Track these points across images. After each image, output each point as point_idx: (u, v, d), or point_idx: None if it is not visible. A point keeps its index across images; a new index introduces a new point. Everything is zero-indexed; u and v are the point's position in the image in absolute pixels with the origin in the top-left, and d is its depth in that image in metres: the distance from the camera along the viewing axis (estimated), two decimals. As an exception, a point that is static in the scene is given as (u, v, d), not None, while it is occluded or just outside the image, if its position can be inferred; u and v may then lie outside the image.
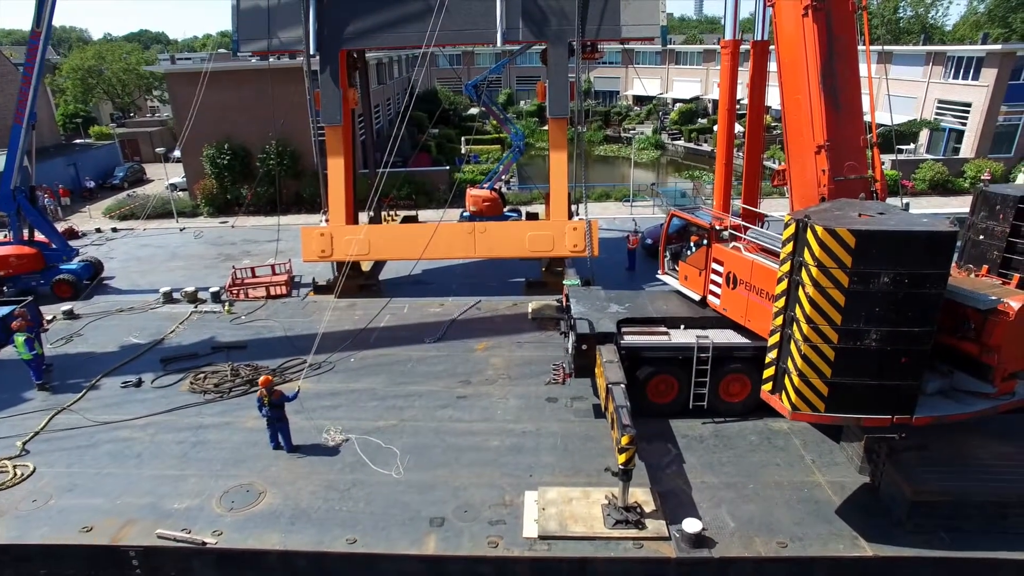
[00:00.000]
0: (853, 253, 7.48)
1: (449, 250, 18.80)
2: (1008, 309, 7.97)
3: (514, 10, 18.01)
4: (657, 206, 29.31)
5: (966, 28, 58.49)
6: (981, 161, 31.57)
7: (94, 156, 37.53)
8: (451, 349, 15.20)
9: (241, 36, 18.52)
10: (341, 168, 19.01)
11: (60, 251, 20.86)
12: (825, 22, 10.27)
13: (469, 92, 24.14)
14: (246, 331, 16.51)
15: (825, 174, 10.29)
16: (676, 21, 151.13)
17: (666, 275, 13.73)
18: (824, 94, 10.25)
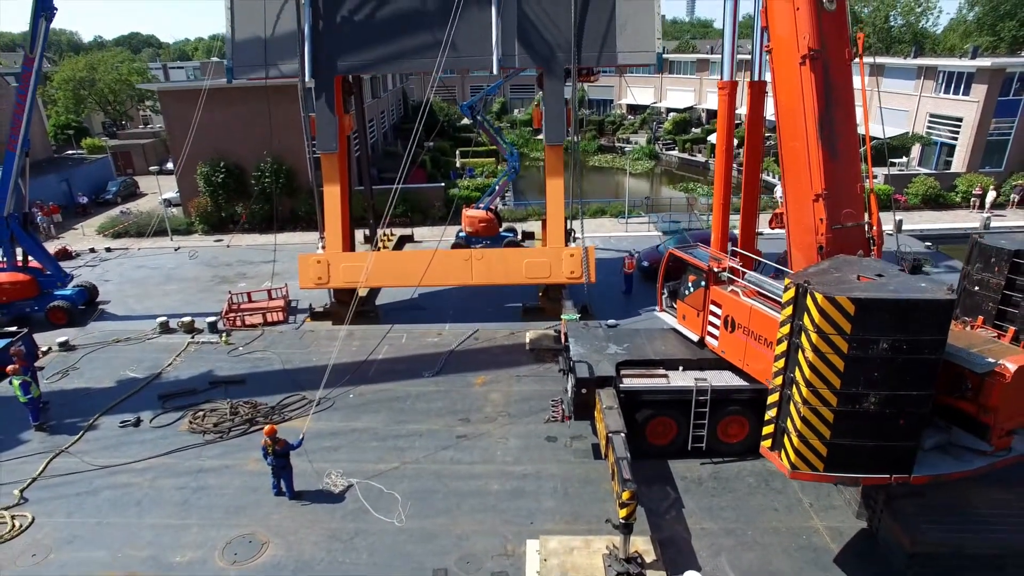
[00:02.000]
0: (852, 320, 7.58)
1: (446, 277, 18.82)
2: (1004, 371, 8.10)
3: (510, 37, 18.04)
4: (652, 223, 29.42)
5: (955, 37, 59.01)
6: (972, 176, 31.91)
7: (86, 171, 37.25)
8: (450, 384, 15.22)
9: (236, 64, 18.45)
10: (337, 195, 18.95)
11: (54, 277, 20.72)
12: (822, 71, 10.36)
13: (465, 112, 24.17)
14: (244, 364, 16.46)
15: (823, 223, 10.38)
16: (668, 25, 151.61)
17: (664, 312, 13.80)
18: (822, 143, 10.33)
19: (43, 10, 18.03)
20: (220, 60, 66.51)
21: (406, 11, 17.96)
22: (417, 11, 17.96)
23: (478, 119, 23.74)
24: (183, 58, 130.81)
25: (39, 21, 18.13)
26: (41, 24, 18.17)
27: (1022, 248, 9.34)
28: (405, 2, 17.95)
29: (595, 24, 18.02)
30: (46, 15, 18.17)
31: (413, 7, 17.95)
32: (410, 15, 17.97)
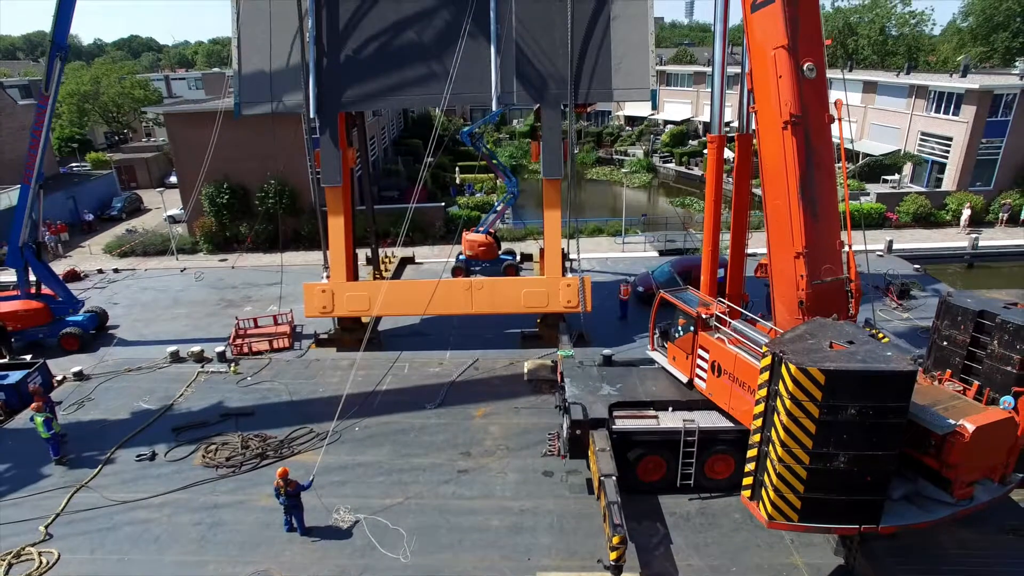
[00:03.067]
0: (823, 389, 8.24)
1: (448, 306, 19.45)
2: (964, 431, 8.76)
3: (509, 74, 18.65)
4: (649, 243, 30.06)
5: (948, 49, 59.64)
6: (962, 194, 32.57)
7: (92, 187, 37.83)
8: (451, 416, 15.89)
9: (243, 99, 19.02)
10: (341, 227, 19.58)
11: (66, 303, 21.36)
12: (803, 136, 11.00)
13: (465, 139, 24.77)
14: (252, 395, 17.12)
15: (804, 279, 11.04)
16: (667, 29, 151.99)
17: (655, 352, 14.46)
18: (803, 204, 10.97)
19: (58, 50, 18.65)
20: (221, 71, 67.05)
21: (407, 49, 18.60)
22: (418, 49, 18.60)
23: (478, 146, 24.36)
24: (183, 62, 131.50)
25: (54, 61, 18.73)
26: (56, 64, 18.77)
27: (985, 309, 9.98)
28: (406, 41, 18.60)
29: (591, 62, 18.64)
30: (60, 55, 18.78)
31: (414, 46, 18.59)
32: (411, 53, 18.61)
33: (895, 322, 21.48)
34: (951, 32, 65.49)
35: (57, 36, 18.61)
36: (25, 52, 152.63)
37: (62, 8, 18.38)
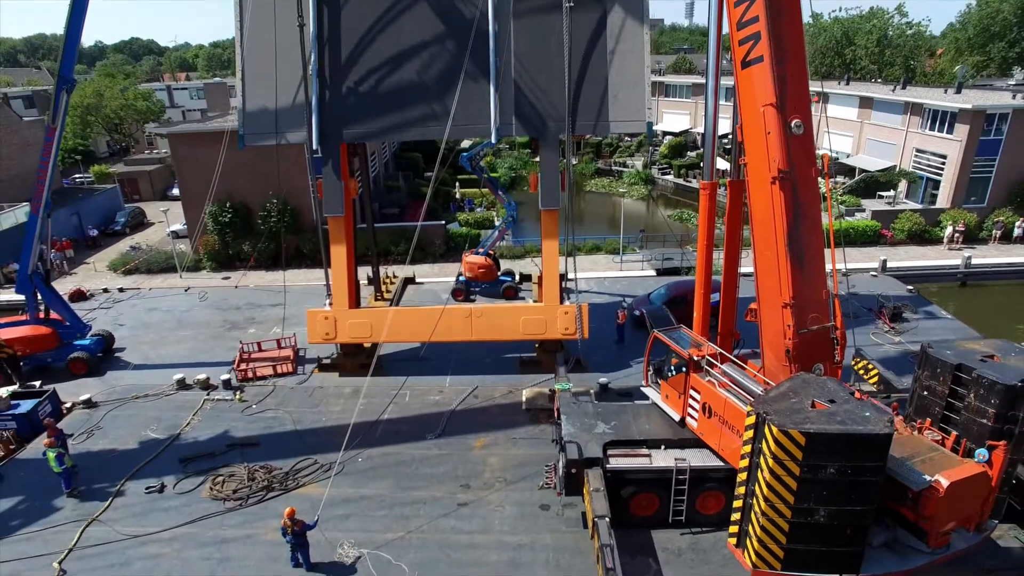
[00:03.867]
0: (804, 450, 8.67)
1: (449, 333, 19.85)
2: (939, 487, 9.19)
3: (507, 108, 19.04)
4: (647, 261, 30.48)
5: (946, 61, 59.98)
6: (956, 211, 32.98)
7: (96, 202, 38.24)
8: (451, 447, 16.32)
9: (248, 131, 19.41)
10: (344, 255, 19.98)
11: (73, 328, 21.79)
12: (791, 190, 11.41)
13: (464, 163, 25.22)
14: (258, 423, 17.55)
15: (791, 328, 11.45)
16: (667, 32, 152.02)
17: (649, 388, 14.88)
18: (790, 255, 11.38)
19: (64, 84, 19.06)
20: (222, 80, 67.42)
21: (408, 84, 18.99)
22: (418, 84, 18.99)
23: (478, 170, 24.79)
24: (184, 66, 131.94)
25: (60, 94, 19.14)
26: (63, 96, 19.18)
27: (963, 362, 10.40)
28: (407, 75, 18.99)
29: (589, 96, 19.01)
30: (67, 88, 19.20)
31: (415, 80, 18.98)
32: (412, 87, 19.00)
33: (887, 346, 21.90)
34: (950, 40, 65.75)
35: (63, 70, 19.02)
36: (26, 54, 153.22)
37: (68, 43, 18.80)
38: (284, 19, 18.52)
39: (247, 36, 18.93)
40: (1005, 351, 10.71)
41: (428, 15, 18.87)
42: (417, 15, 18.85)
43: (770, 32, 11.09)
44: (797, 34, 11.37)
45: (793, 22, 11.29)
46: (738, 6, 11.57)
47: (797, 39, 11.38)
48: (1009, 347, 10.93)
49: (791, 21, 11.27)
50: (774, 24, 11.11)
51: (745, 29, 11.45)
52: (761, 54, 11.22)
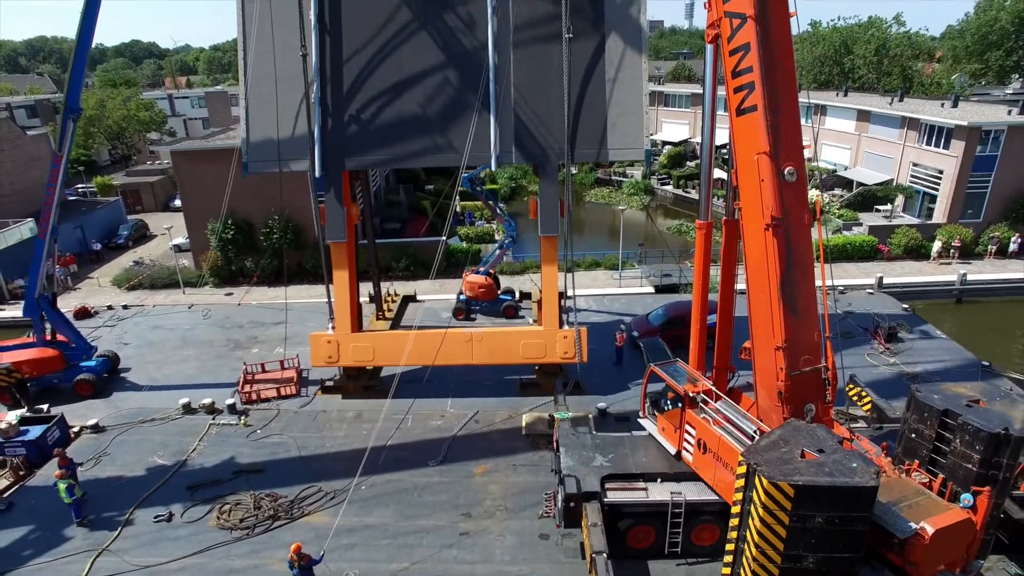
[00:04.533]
0: (792, 501, 8.99)
1: (450, 357, 20.16)
2: (924, 534, 9.52)
3: (507, 135, 19.32)
4: (645, 277, 30.78)
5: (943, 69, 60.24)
6: (952, 227, 33.28)
7: (99, 216, 38.52)
8: (453, 474, 16.65)
9: (251, 159, 19.70)
10: (346, 280, 20.29)
11: (80, 350, 22.11)
12: (784, 236, 11.70)
13: (465, 184, 25.49)
14: (262, 449, 17.88)
15: (783, 371, 11.76)
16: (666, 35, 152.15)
17: (645, 419, 15.20)
18: (783, 300, 11.67)
19: (71, 113, 19.40)
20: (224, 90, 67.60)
21: (409, 113, 19.25)
22: (419, 113, 19.26)
23: (478, 191, 25.09)
24: (185, 69, 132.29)
25: (67, 123, 19.48)
26: (69, 125, 19.53)
27: (950, 408, 10.71)
28: (408, 105, 19.26)
29: (587, 124, 19.28)
30: (73, 117, 19.54)
31: (415, 109, 19.25)
32: (413, 116, 19.26)
33: (882, 367, 22.22)
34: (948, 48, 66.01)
35: (70, 99, 19.39)
36: (27, 57, 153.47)
37: (74, 74, 19.14)
38: (287, 49, 18.82)
39: (251, 66, 19.21)
40: (991, 396, 11.02)
41: (429, 45, 19.15)
42: (418, 45, 19.13)
43: (764, 83, 11.38)
44: (790, 85, 11.65)
45: (786, 74, 11.57)
46: (733, 55, 11.86)
47: (790, 90, 11.66)
48: (995, 391, 11.24)
49: (784, 73, 11.55)
50: (768, 75, 11.40)
51: (740, 78, 11.74)
52: (755, 103, 11.50)
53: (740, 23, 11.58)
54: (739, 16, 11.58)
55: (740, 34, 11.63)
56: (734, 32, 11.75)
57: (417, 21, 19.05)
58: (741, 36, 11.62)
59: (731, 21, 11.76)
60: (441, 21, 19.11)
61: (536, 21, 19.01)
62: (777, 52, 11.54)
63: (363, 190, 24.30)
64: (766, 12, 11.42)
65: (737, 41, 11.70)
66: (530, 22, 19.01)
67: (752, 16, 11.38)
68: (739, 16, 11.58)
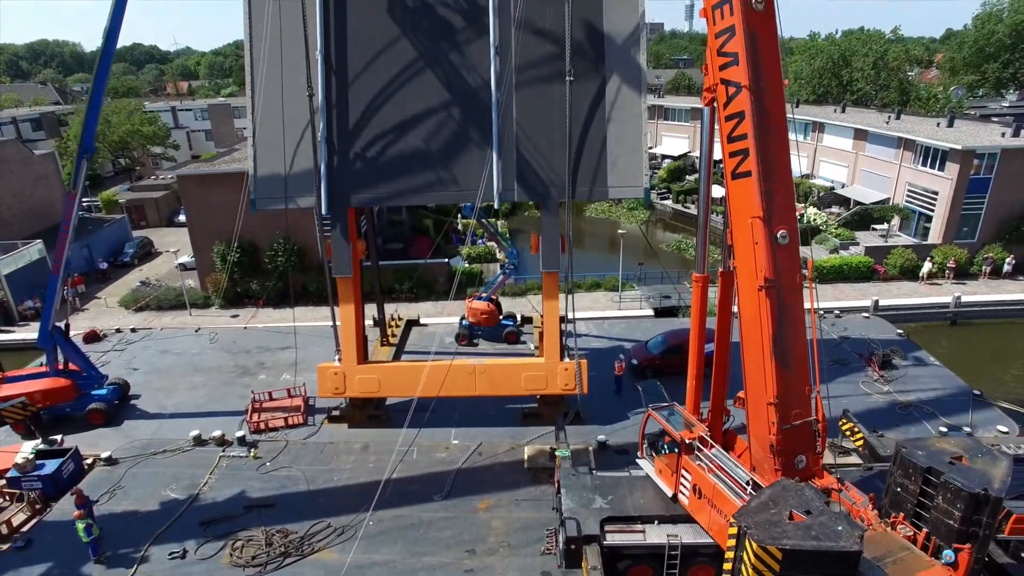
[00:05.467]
0: (780, 563, 9.50)
1: (453, 388, 20.62)
2: (906, 592, 10.06)
3: (509, 172, 19.77)
4: (645, 299, 31.30)
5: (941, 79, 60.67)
6: (948, 247, 33.79)
7: (105, 234, 39.04)
8: (457, 509, 17.16)
9: (259, 196, 20.17)
10: (352, 313, 20.76)
11: (91, 379, 22.63)
12: (776, 297, 12.20)
13: (467, 212, 26.04)
14: (272, 483, 18.38)
15: (774, 425, 12.27)
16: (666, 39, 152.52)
17: (643, 460, 15.72)
18: (775, 358, 12.17)
19: (85, 153, 19.94)
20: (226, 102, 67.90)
21: (414, 151, 19.70)
22: (424, 150, 19.72)
23: (481, 219, 25.57)
24: (186, 74, 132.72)
25: (81, 162, 19.99)
26: (83, 164, 20.04)
27: (932, 466, 11.22)
28: (413, 142, 19.71)
29: (588, 162, 19.73)
30: (87, 156, 20.06)
31: (420, 147, 19.70)
32: (418, 154, 19.71)
33: (875, 396, 22.71)
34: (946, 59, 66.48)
35: (85, 140, 19.95)
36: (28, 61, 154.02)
37: (89, 115, 19.64)
38: (293, 88, 19.27)
39: (259, 105, 19.67)
40: (973, 452, 11.52)
41: (433, 84, 19.59)
42: (422, 84, 19.57)
43: (758, 151, 11.87)
44: (784, 151, 12.13)
45: (780, 141, 12.06)
46: (729, 120, 12.35)
47: (784, 156, 12.14)
48: (977, 447, 11.74)
49: (778, 140, 12.03)
50: (762, 144, 11.89)
51: (735, 143, 12.23)
52: (750, 169, 11.98)
53: (736, 91, 12.08)
54: (735, 85, 12.08)
55: (735, 102, 12.13)
56: (730, 99, 12.24)
57: (422, 60, 19.51)
58: (736, 104, 12.11)
59: (727, 88, 12.27)
60: (445, 60, 19.57)
61: (538, 61, 19.47)
62: (771, 120, 12.03)
63: (367, 219, 24.80)
64: (760, 82, 11.92)
65: (733, 108, 12.20)
66: (532, 62, 19.45)
67: (747, 86, 11.87)
68: (735, 85, 12.08)
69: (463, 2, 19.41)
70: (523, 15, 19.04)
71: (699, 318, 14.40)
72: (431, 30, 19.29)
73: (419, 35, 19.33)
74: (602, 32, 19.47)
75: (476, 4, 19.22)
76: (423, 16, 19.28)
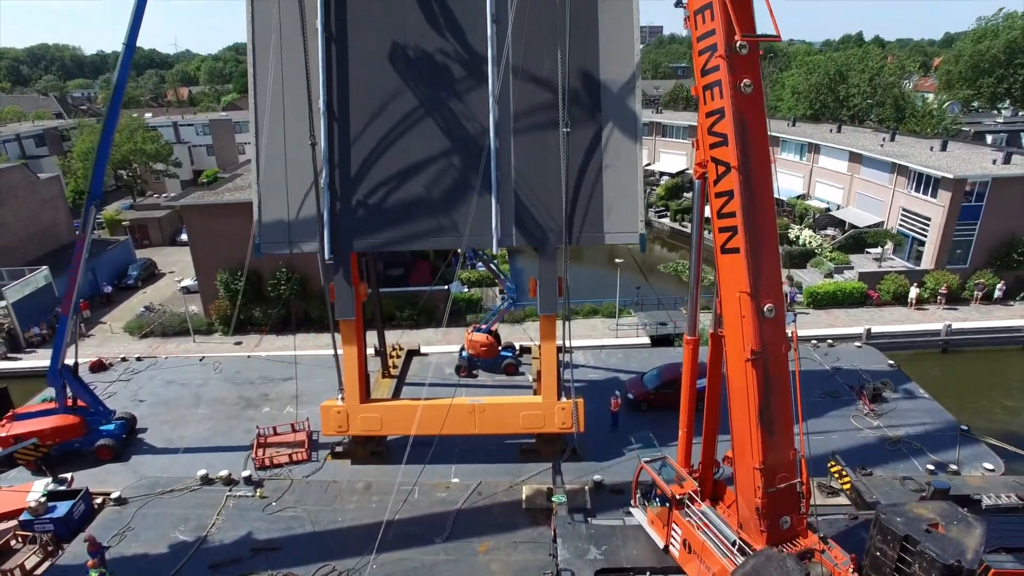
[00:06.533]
0: (765, 638, 10.07)
1: (454, 427, 21.13)
2: (884, 662, 10.60)
3: (508, 218, 20.24)
4: (642, 327, 31.80)
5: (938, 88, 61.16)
6: (940, 273, 34.30)
7: (109, 257, 39.48)
8: (457, 551, 17.67)
9: (264, 240, 20.63)
10: (355, 355, 21.26)
11: (99, 415, 23.16)
12: (763, 368, 12.71)
13: (470, 256, 26.52)
14: (278, 524, 18.91)
15: (760, 489, 12.81)
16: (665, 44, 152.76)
17: (636, 509, 16.28)
18: (761, 426, 12.71)
19: (93, 200, 20.44)
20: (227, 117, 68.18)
21: (415, 197, 20.14)
22: (425, 197, 20.17)
23: (478, 253, 26.06)
24: (186, 79, 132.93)
25: (90, 208, 20.49)
26: (92, 211, 20.54)
27: (910, 534, 11.77)
28: (414, 189, 20.16)
29: (584, 209, 20.19)
30: (96, 203, 20.56)
31: (421, 193, 20.14)
32: (418, 200, 20.15)
33: (865, 431, 23.26)
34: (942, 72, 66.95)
35: (94, 188, 20.45)
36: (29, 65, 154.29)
37: (98, 163, 20.14)
38: (297, 136, 19.73)
39: (262, 152, 20.13)
40: (949, 519, 12.05)
41: (433, 131, 20.03)
42: (423, 131, 20.01)
43: (746, 230, 12.37)
44: (771, 229, 12.63)
45: (768, 220, 12.55)
46: (719, 198, 12.85)
47: (771, 233, 12.64)
48: (953, 512, 12.28)
49: (766, 219, 12.52)
50: (749, 223, 12.39)
51: (724, 220, 12.72)
52: (738, 246, 12.49)
53: (725, 171, 12.58)
54: (724, 164, 12.58)
55: (724, 181, 12.62)
56: (720, 177, 12.73)
57: (422, 108, 19.95)
58: (725, 183, 12.61)
59: (717, 167, 12.76)
60: (445, 108, 20.02)
61: (536, 108, 19.93)
62: (758, 200, 12.52)
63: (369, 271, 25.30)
64: (748, 164, 12.41)
65: (722, 187, 12.69)
66: (530, 109, 19.92)
67: (736, 167, 12.38)
68: (724, 164, 12.58)
69: (463, 51, 19.86)
70: (521, 64, 19.55)
71: (690, 378, 14.93)
72: (431, 78, 19.70)
73: (420, 83, 19.76)
74: (599, 80, 19.91)
75: (476, 53, 19.69)
76: (424, 65, 19.71)
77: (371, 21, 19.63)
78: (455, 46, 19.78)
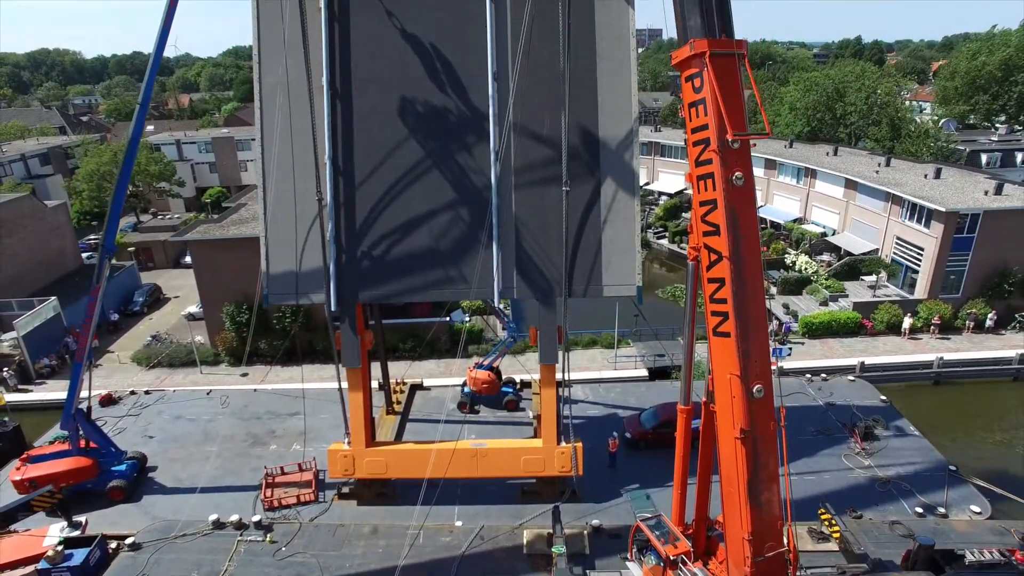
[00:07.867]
0: None
1: (456, 470, 21.76)
2: None
3: (509, 270, 20.83)
4: (640, 359, 32.41)
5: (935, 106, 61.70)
6: (932, 303, 34.90)
7: (115, 284, 39.93)
8: (461, 601, 18.42)
9: (271, 291, 21.21)
10: (360, 401, 21.88)
11: (110, 456, 23.80)
12: (751, 446, 13.34)
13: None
14: (288, 570, 19.55)
15: (748, 559, 13.47)
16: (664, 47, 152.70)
17: (632, 562, 16.95)
18: (750, 501, 13.35)
19: (107, 253, 21.04)
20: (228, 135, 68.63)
21: (419, 249, 20.70)
22: (429, 249, 20.74)
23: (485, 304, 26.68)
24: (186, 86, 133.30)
25: (104, 262, 21.09)
26: (106, 264, 21.14)
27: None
28: (418, 241, 20.70)
29: (584, 262, 20.73)
30: (109, 256, 21.15)
31: (425, 245, 20.70)
32: (422, 252, 20.72)
33: (856, 471, 23.91)
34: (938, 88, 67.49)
35: (107, 241, 21.00)
36: (29, 70, 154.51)
37: (111, 221, 20.69)
38: (304, 191, 20.28)
39: (270, 206, 20.65)
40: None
41: (438, 186, 20.53)
42: (427, 185, 20.52)
43: (737, 316, 12.98)
44: (760, 314, 13.24)
45: (757, 304, 13.16)
46: (711, 283, 13.45)
47: (760, 318, 13.25)
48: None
49: (756, 304, 13.12)
50: (740, 308, 12.99)
51: (716, 304, 13.32)
52: (728, 331, 13.10)
53: (717, 259, 13.17)
54: (716, 252, 13.18)
55: (717, 268, 13.21)
56: (712, 263, 13.32)
57: (426, 162, 20.48)
58: (718, 270, 13.20)
59: (710, 254, 13.35)
60: (449, 162, 20.54)
61: (536, 164, 20.49)
62: (749, 288, 13.11)
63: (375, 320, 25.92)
64: (739, 254, 13.00)
65: (714, 273, 13.28)
66: (531, 165, 20.48)
67: (727, 256, 12.97)
68: (716, 252, 13.18)
69: (465, 108, 20.39)
70: (521, 121, 20.11)
71: (683, 447, 15.56)
72: (434, 134, 20.19)
73: (423, 138, 20.27)
74: (598, 138, 20.47)
75: (477, 110, 20.22)
76: (426, 120, 20.21)
77: (375, 78, 20.17)
78: (457, 103, 20.31)
